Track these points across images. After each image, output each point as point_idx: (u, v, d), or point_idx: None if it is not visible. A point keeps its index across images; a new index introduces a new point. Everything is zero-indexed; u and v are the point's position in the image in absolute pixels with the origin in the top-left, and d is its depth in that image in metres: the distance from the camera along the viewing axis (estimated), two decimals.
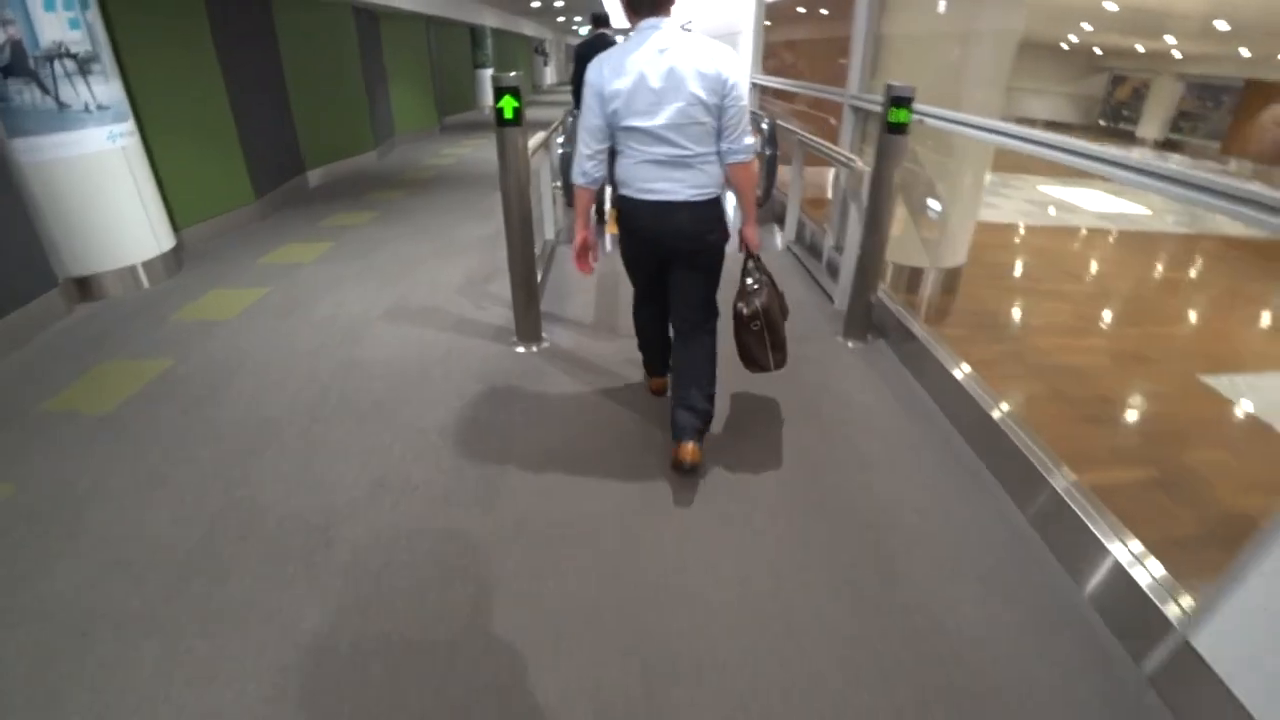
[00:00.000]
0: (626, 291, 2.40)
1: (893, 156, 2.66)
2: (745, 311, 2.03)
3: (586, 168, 1.87)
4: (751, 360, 2.14)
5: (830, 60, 5.05)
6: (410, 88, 10.03)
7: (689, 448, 1.97)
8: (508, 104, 2.36)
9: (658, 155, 1.77)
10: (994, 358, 3.21)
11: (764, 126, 4.53)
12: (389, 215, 5.52)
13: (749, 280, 2.07)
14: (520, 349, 2.95)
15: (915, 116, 2.62)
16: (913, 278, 3.71)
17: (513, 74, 2.40)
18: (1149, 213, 7.45)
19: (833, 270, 3.84)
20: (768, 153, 4.50)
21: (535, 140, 3.59)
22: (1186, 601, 1.40)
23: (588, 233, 2.01)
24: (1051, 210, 6.64)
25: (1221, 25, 9.65)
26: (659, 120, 1.73)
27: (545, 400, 2.55)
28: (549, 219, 4.37)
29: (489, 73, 14.50)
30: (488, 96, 14.22)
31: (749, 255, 2.06)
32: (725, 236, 1.95)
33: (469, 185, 6.87)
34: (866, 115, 3.55)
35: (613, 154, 1.89)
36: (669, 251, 1.94)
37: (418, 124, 10.33)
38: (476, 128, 12.11)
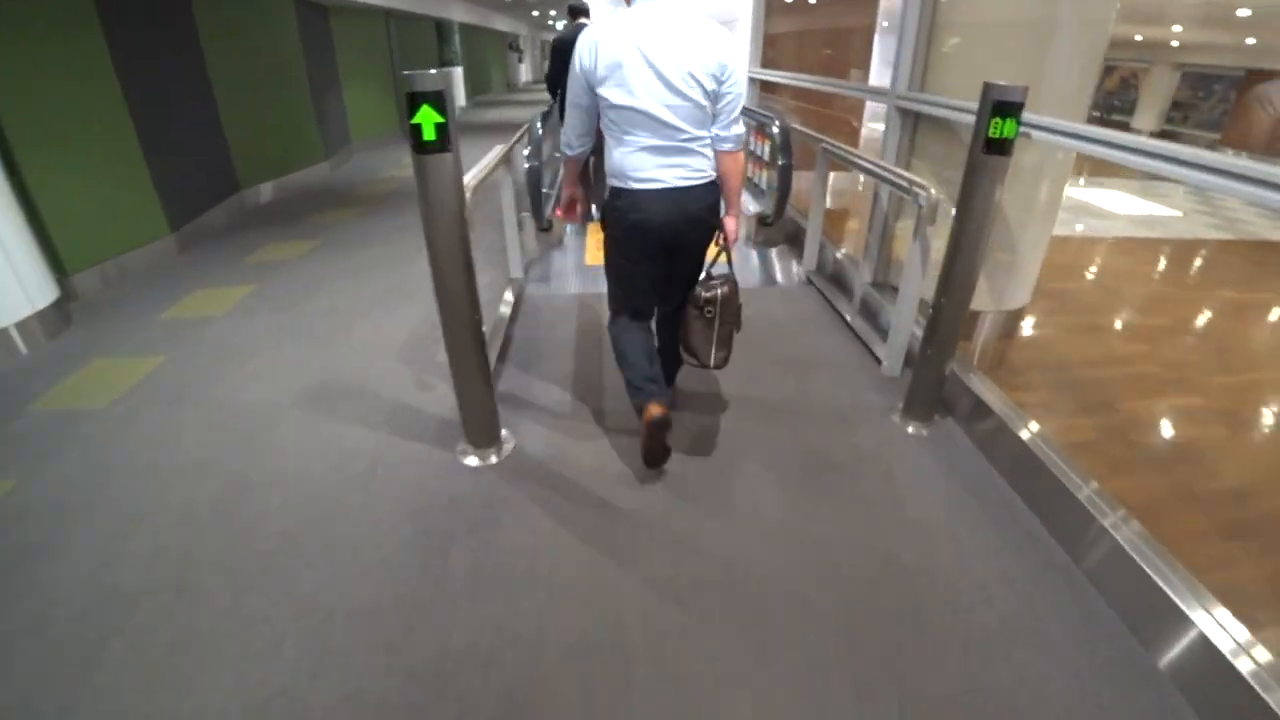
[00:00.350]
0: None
1: (990, 184, 1.92)
2: (703, 295, 1.86)
3: (574, 141, 1.85)
4: (690, 349, 1.95)
5: (847, 51, 4.31)
6: (368, 90, 9.14)
7: (657, 406, 1.85)
8: (426, 119, 1.56)
9: (656, 141, 1.69)
10: (1092, 437, 2.49)
11: (775, 131, 3.78)
12: (331, 245, 4.68)
13: (713, 270, 1.95)
14: (470, 460, 2.15)
15: (1022, 129, 1.87)
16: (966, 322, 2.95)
17: (432, 72, 1.57)
18: (1179, 214, 6.82)
19: (869, 314, 3.11)
20: (781, 162, 3.75)
21: (492, 155, 2.81)
22: None
23: (575, 189, 2.04)
24: (1080, 228, 5.96)
25: (1243, 12, 9.06)
26: (657, 99, 1.64)
27: (501, 555, 1.77)
28: (515, 253, 3.56)
29: (458, 71, 13.59)
30: (458, 97, 13.38)
31: (724, 247, 1.92)
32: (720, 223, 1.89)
33: None
34: (915, 120, 2.81)
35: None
36: (676, 241, 1.83)
37: (377, 129, 9.44)
38: None
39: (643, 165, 1.72)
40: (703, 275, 1.94)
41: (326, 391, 2.63)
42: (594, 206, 4.09)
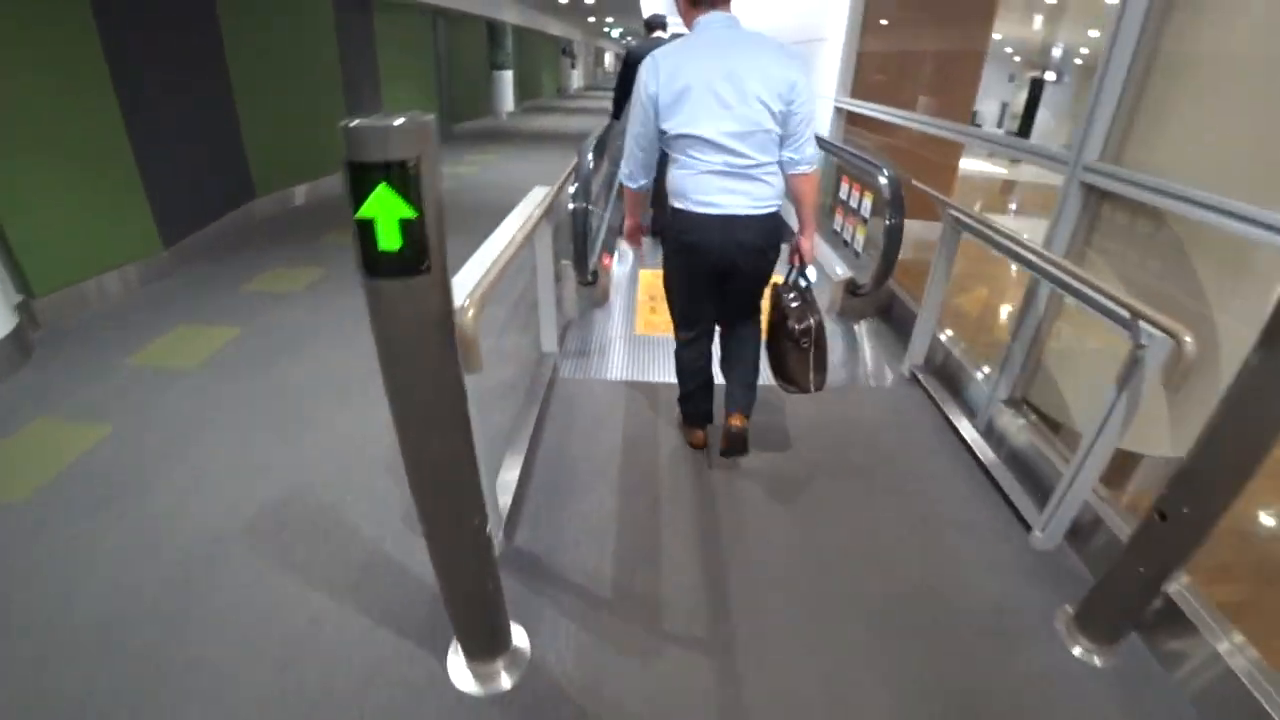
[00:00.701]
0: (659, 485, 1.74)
1: None
2: (797, 329, 1.87)
3: (637, 174, 1.78)
4: (789, 379, 1.98)
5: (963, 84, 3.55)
6: (410, 91, 8.63)
7: (740, 416, 1.96)
8: (384, 210, 0.86)
9: (718, 165, 1.63)
10: None
11: (883, 182, 3.05)
12: (335, 278, 4.06)
13: (794, 301, 1.91)
14: (465, 681, 1.45)
15: None
16: (1120, 467, 2.15)
17: (399, 122, 0.83)
18: None
19: (1002, 444, 2.34)
20: (890, 221, 3.01)
21: (536, 198, 2.16)
22: None
23: (637, 220, 1.99)
24: None
25: None
26: (721, 128, 1.59)
27: None
28: (549, 320, 2.86)
29: (509, 74, 13.07)
30: (507, 102, 12.84)
31: (800, 268, 1.89)
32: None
33: (461, 221, 5.43)
34: (1100, 201, 2.05)
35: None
36: (729, 267, 1.79)
37: None
38: (492, 137, 10.74)
39: (704, 189, 1.67)
40: (791, 301, 1.92)
41: (288, 518, 1.97)
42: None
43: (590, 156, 3.32)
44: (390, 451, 2.30)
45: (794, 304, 1.91)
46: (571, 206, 3.14)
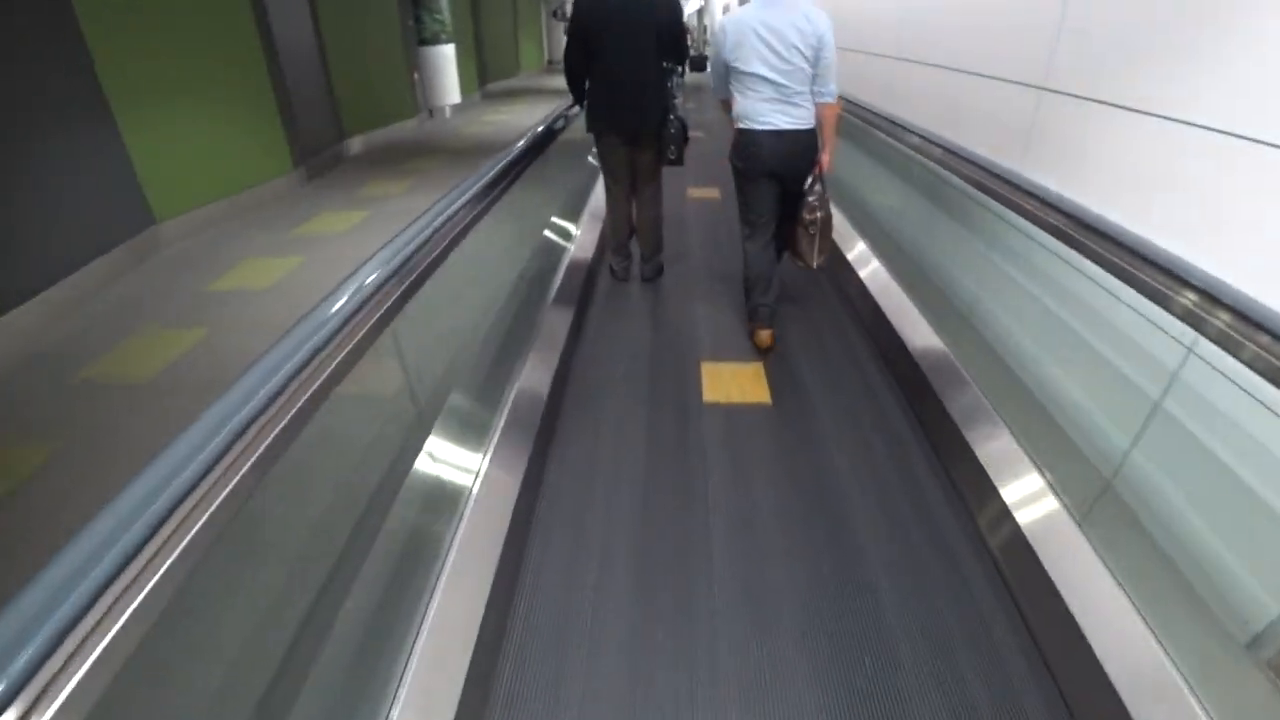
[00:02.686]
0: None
1: None
2: (807, 218, 2.41)
3: (719, 90, 2.48)
4: (798, 254, 2.54)
5: None
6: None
7: (768, 333, 2.56)
8: None
9: (769, 94, 2.24)
10: None
11: None
12: (382, 217, 5.22)
13: (811, 198, 2.41)
14: None
15: None
16: None
17: None
18: None
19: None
20: None
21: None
22: None
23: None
24: None
25: None
26: (769, 69, 2.22)
27: None
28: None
29: (447, 50, 8.62)
30: (447, 90, 8.79)
31: (819, 175, 2.41)
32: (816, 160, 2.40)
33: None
34: None
35: None
36: (778, 166, 2.36)
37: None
38: (388, 159, 7.54)
39: (759, 111, 2.30)
40: (810, 197, 2.42)
41: None
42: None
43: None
44: None
45: (811, 199, 2.41)
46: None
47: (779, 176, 2.39)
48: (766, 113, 2.28)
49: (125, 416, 2.40)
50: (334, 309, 1.13)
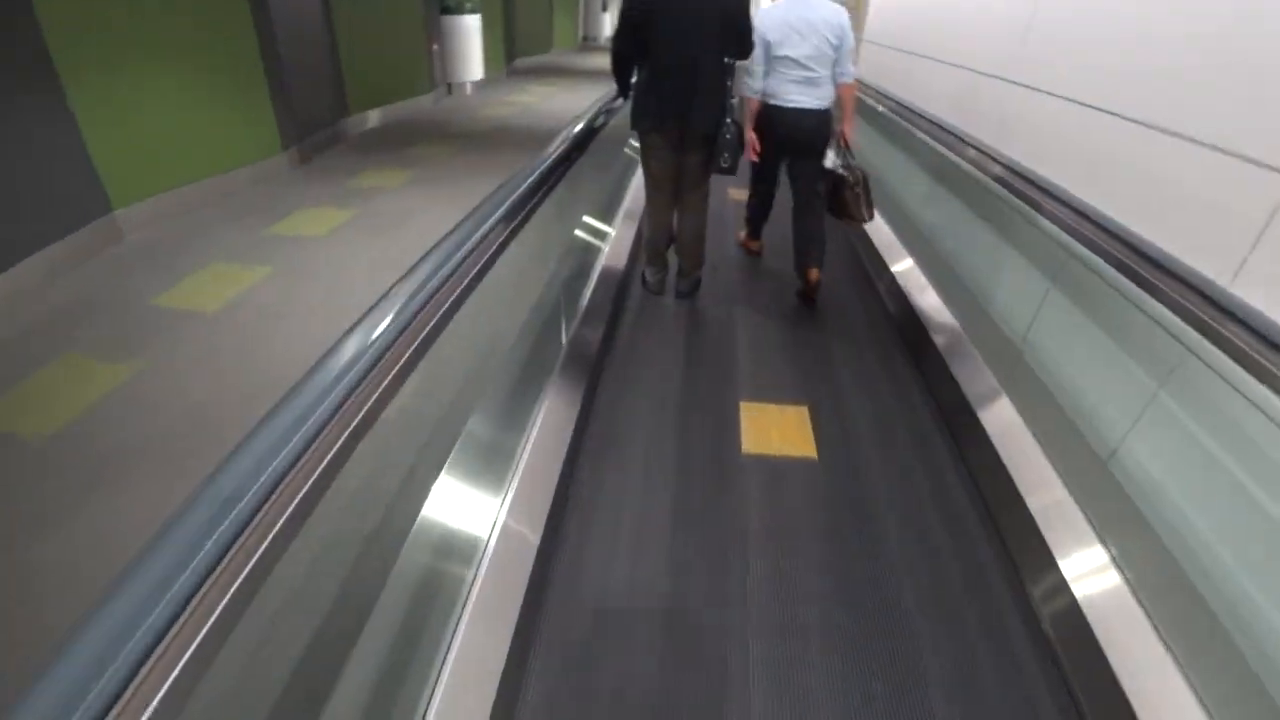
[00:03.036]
0: None
1: None
2: (850, 179, 2.66)
3: (755, 85, 2.64)
4: (847, 215, 2.73)
5: None
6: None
7: (816, 271, 2.78)
8: None
9: (797, 76, 2.55)
10: None
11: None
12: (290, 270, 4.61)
13: (843, 170, 2.68)
14: None
15: None
16: None
17: None
18: None
19: None
20: None
21: None
22: None
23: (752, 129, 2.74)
24: None
25: None
26: (800, 53, 2.51)
27: None
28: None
29: (473, 21, 8.10)
30: (469, 66, 8.28)
31: (845, 146, 2.72)
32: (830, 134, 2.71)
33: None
34: None
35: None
36: (799, 142, 2.67)
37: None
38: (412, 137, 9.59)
39: (786, 91, 2.59)
40: (841, 169, 2.70)
41: None
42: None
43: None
44: None
45: (842, 169, 2.70)
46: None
47: (793, 147, 2.71)
48: (793, 92, 2.58)
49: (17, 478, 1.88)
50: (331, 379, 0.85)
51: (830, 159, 2.70)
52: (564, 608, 1.47)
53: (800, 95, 2.55)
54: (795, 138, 2.63)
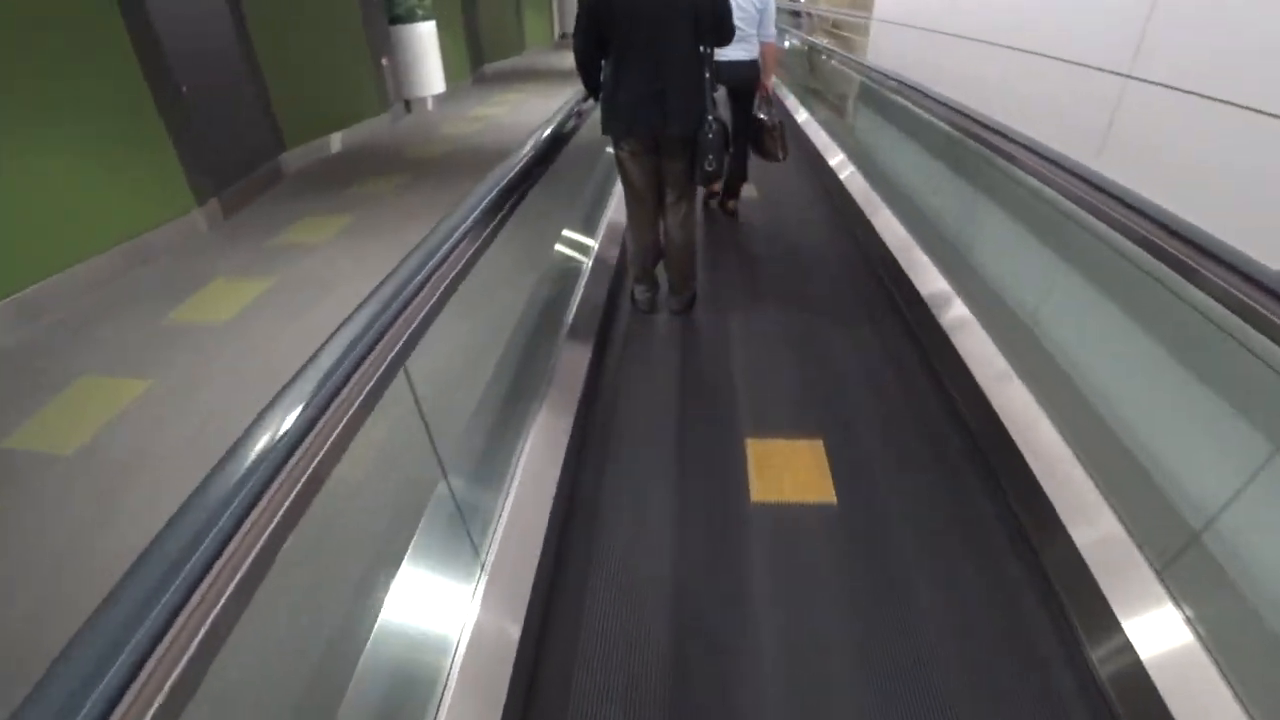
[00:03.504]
0: None
1: None
2: (770, 123, 3.20)
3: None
4: (768, 154, 3.25)
5: None
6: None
7: (733, 202, 3.72)
8: None
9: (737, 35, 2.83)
10: None
11: None
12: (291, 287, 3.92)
13: (764, 115, 3.23)
14: None
15: None
16: None
17: None
18: None
19: None
20: None
21: None
22: None
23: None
24: None
25: None
26: (736, 17, 2.52)
27: None
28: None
29: (425, 29, 7.33)
30: (428, 80, 7.57)
31: (766, 96, 3.28)
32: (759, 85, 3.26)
33: None
34: None
35: None
36: (735, 85, 3.18)
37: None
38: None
39: (727, 48, 2.62)
40: (764, 117, 3.22)
41: None
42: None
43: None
44: None
45: (763, 115, 3.23)
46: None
47: (734, 92, 3.20)
48: (730, 49, 2.68)
49: None
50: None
51: (758, 107, 3.24)
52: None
53: (733, 49, 2.81)
54: (731, 83, 3.14)
